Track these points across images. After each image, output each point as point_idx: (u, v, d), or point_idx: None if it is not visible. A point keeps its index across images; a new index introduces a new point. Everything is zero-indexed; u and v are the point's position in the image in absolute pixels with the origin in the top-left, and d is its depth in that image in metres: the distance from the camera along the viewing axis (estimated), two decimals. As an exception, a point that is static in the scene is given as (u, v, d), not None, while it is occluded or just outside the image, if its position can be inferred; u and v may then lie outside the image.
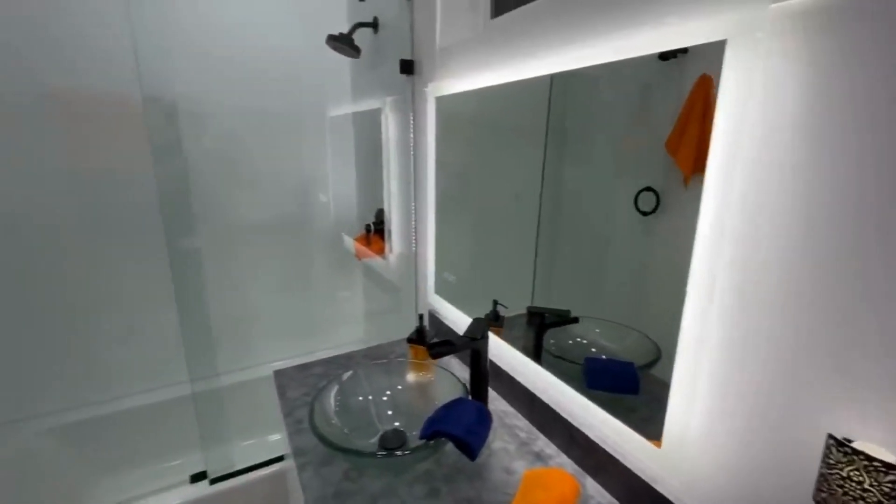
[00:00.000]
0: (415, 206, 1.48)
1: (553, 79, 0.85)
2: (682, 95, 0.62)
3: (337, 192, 2.12)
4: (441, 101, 1.22)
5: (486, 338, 0.95)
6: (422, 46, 1.33)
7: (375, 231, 1.78)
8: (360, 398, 0.97)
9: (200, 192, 1.76)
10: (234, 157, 1.88)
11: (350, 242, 2.02)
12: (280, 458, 1.47)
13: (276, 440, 1.92)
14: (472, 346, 0.94)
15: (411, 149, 1.44)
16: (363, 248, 1.88)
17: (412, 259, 1.57)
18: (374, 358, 1.29)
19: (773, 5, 0.49)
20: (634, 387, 0.77)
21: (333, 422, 0.88)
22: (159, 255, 1.63)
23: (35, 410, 1.63)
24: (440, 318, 1.37)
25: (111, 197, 1.65)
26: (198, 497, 1.33)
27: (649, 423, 0.71)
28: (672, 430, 0.64)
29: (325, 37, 1.48)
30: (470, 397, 0.93)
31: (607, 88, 0.75)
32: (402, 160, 1.55)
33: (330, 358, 1.30)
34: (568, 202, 0.88)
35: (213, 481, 1.36)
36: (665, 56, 0.63)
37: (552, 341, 0.95)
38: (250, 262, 1.98)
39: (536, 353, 0.98)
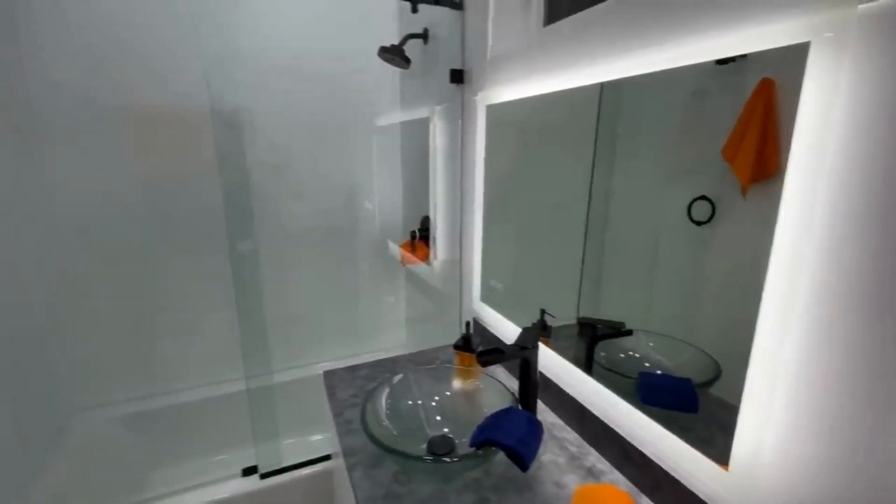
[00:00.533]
0: (461, 213, 1.50)
1: (603, 86, 0.84)
2: (739, 101, 0.59)
3: (382, 199, 2.17)
4: (491, 110, 1.23)
5: (536, 348, 0.94)
6: (472, 56, 1.35)
7: (420, 237, 1.81)
8: (410, 402, 0.98)
9: (255, 197, 1.86)
10: (285, 165, 1.96)
11: (395, 248, 2.06)
12: (326, 458, 1.50)
13: (320, 439, 1.98)
14: (522, 356, 0.93)
15: (459, 157, 1.46)
16: (408, 255, 1.91)
17: (457, 266, 1.58)
18: (418, 363, 1.31)
19: (862, 6, 0.46)
20: (692, 405, 0.73)
21: (384, 423, 0.90)
22: (219, 257, 1.73)
23: (104, 399, 1.76)
24: (484, 325, 1.37)
25: (175, 202, 1.77)
26: (248, 490, 1.39)
27: (708, 443, 0.67)
28: (742, 452, 0.61)
29: (375, 48, 1.53)
30: (519, 407, 0.92)
31: (660, 94, 0.73)
32: (449, 168, 1.57)
33: (376, 361, 1.33)
34: (617, 210, 0.86)
35: (264, 476, 1.42)
36: (722, 60, 0.61)
37: (602, 354, 0.93)
38: (298, 265, 2.06)
39: (587, 365, 0.96)
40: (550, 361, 1.05)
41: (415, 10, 1.39)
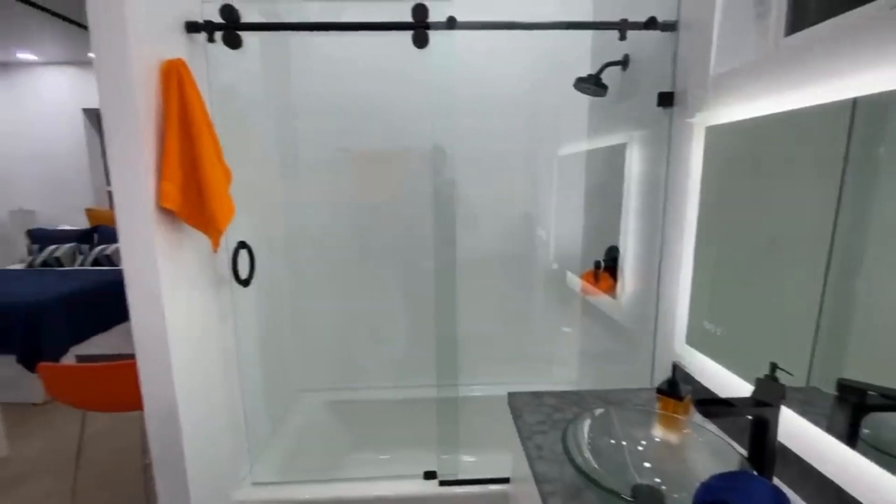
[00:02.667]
0: (661, 244, 1.38)
1: (856, 101, 0.69)
2: None
3: (561, 228, 2.15)
4: (711, 132, 1.12)
5: (778, 406, 0.79)
6: (687, 76, 1.26)
7: (605, 268, 1.72)
8: (612, 441, 0.91)
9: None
10: (469, 192, 2.11)
11: (574, 278, 2.01)
12: (503, 480, 1.50)
13: (493, 459, 1.99)
14: (757, 413, 0.79)
15: (662, 184, 1.36)
16: (590, 286, 1.84)
17: (651, 302, 1.44)
18: (608, 401, 1.22)
19: None
20: None
21: (585, 455, 0.85)
22: (419, 274, 1.94)
23: (317, 386, 2.11)
24: (688, 371, 1.21)
25: (386, 225, 2.07)
26: (428, 493, 1.47)
27: None
28: None
29: (562, 80, 1.55)
30: (754, 473, 0.78)
31: None
32: (646, 196, 1.48)
33: (561, 392, 1.29)
34: (875, 246, 0.68)
35: (442, 483, 1.49)
36: None
37: (866, 431, 0.73)
38: (470, 289, 2.17)
39: (850, 439, 0.76)
40: (790, 426, 0.86)
41: (623, 38, 1.37)
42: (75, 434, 2.50)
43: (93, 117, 4.50)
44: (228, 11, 1.36)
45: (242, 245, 1.54)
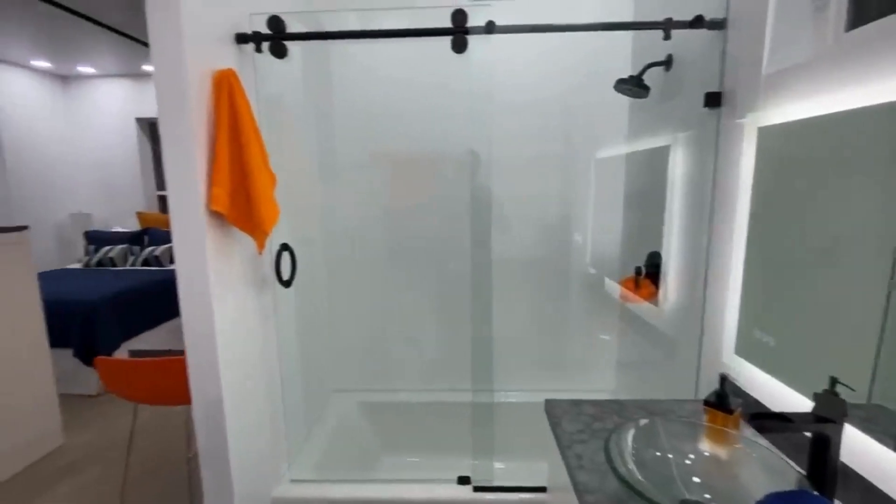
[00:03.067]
0: (707, 250, 1.33)
1: None
2: None
3: (598, 232, 2.10)
4: (763, 133, 1.07)
5: (841, 423, 0.74)
6: (737, 75, 1.21)
7: (647, 274, 1.67)
8: (658, 453, 0.88)
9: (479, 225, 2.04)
10: (504, 195, 2.10)
11: (612, 284, 1.96)
12: (539, 489, 1.48)
13: (525, 467, 1.96)
14: (818, 430, 0.75)
15: (710, 187, 1.31)
16: (629, 293, 1.79)
17: (695, 309, 1.39)
18: (651, 412, 1.18)
19: None
20: None
21: (630, 466, 0.83)
22: (454, 277, 1.94)
23: (352, 385, 2.14)
24: (737, 383, 1.16)
25: (417, 228, 2.09)
26: (463, 499, 1.46)
27: None
28: None
29: (601, 82, 1.52)
30: (815, 493, 0.73)
31: None
32: (690, 199, 1.43)
33: (600, 400, 1.26)
34: None
35: (477, 489, 1.48)
36: None
37: None
38: (506, 293, 2.15)
39: (925, 463, 0.70)
40: (852, 444, 0.81)
41: (667, 38, 1.34)
42: (124, 425, 2.64)
43: (145, 126, 4.76)
44: (275, 23, 1.42)
45: (285, 247, 1.59)
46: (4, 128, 3.98)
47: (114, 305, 3.04)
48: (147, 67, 4.35)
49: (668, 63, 1.58)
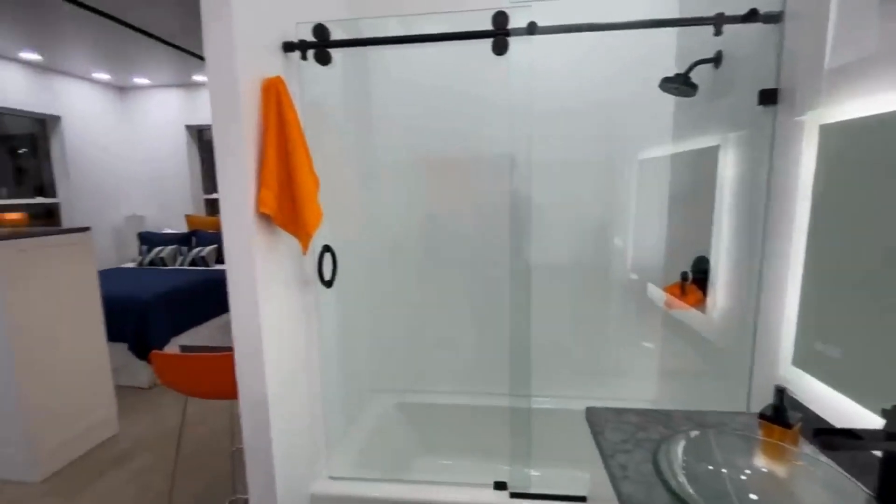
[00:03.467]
0: (761, 255, 1.26)
1: None
2: None
3: (640, 236, 2.04)
4: (825, 131, 1.01)
5: (920, 442, 0.68)
6: (795, 71, 1.15)
7: (693, 280, 1.61)
8: (711, 467, 0.85)
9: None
10: (544, 199, 2.07)
11: (655, 290, 1.90)
12: (578, 498, 1.45)
13: (562, 475, 1.92)
14: (889, 448, 0.69)
15: (764, 189, 1.24)
16: (675, 299, 1.72)
17: (747, 317, 1.32)
18: (701, 424, 1.13)
19: None
20: None
21: (680, 479, 0.80)
22: (483, 281, 1.93)
23: (389, 386, 2.17)
24: (794, 396, 1.09)
25: (454, 231, 2.09)
26: (499, 504, 1.45)
27: None
28: None
29: (644, 81, 1.48)
30: (889, 518, 0.68)
31: None
32: (742, 202, 1.36)
33: (644, 410, 1.22)
34: None
35: (514, 495, 1.46)
36: None
37: None
38: (543, 297, 2.11)
39: None
40: (933, 467, 0.74)
41: (718, 33, 1.29)
42: (171, 417, 2.78)
43: (193, 133, 5.01)
44: (320, 31, 1.46)
45: (327, 248, 1.63)
46: (68, 137, 4.29)
47: (165, 303, 3.21)
48: (197, 77, 4.58)
49: (717, 60, 1.52)
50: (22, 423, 2.10)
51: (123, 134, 4.93)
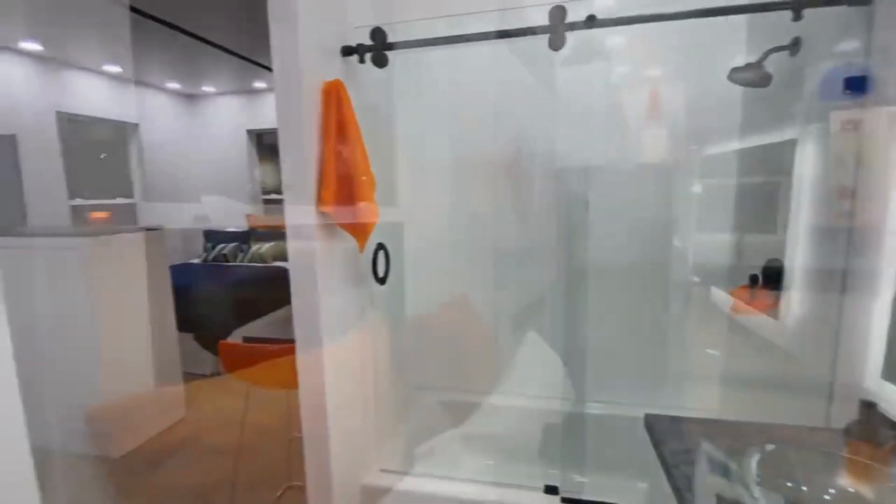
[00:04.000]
0: (848, 258, 1.16)
1: None
2: None
3: (702, 237, 1.93)
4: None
5: None
6: (888, 56, 1.05)
7: (764, 284, 1.50)
8: (790, 483, 0.79)
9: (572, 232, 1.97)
10: (598, 198, 2.01)
11: (720, 294, 1.79)
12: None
13: (614, 484, 1.86)
14: None
15: (852, 185, 1.14)
16: (743, 304, 1.62)
17: (829, 326, 1.22)
18: (775, 437, 1.06)
19: None
20: None
21: (755, 495, 0.75)
22: (535, 282, 1.90)
23: (434, 384, 2.19)
24: (884, 411, 0.99)
25: (505, 231, 2.07)
26: (549, 509, 1.42)
27: None
28: None
29: (708, 71, 1.39)
30: None
31: None
32: (824, 199, 1.26)
33: (709, 419, 1.15)
34: None
35: (565, 501, 1.43)
36: None
37: None
38: (601, 298, 2.05)
39: None
40: None
41: (797, 18, 1.20)
42: (232, 404, 2.94)
43: (253, 137, 5.30)
44: (379, 34, 1.50)
45: (380, 246, 1.66)
46: (144, 142, 4.67)
47: (228, 296, 3.41)
48: (258, 84, 4.83)
49: (793, 47, 1.41)
50: (103, 403, 2.31)
51: (192, 139, 5.29)
